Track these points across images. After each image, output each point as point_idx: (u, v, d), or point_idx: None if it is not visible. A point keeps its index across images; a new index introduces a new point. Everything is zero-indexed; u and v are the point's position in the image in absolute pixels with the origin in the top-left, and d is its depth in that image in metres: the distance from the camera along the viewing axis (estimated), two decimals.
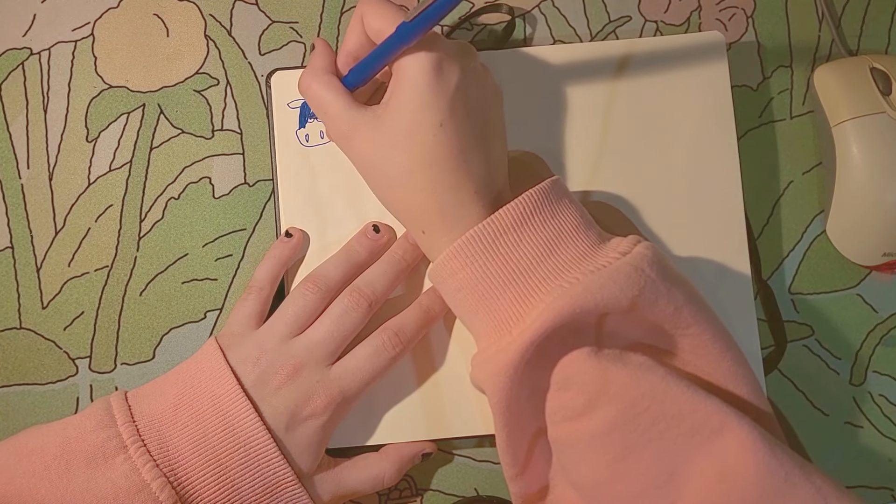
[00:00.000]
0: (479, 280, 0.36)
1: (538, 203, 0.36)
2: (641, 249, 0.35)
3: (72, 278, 0.44)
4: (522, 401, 0.36)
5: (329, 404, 0.38)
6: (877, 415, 0.45)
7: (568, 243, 0.36)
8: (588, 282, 0.34)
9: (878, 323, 0.45)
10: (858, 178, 0.43)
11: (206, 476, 0.36)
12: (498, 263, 0.35)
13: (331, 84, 0.39)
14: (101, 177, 0.45)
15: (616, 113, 0.44)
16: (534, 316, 0.34)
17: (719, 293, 0.43)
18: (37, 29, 0.45)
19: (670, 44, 0.44)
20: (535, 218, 0.36)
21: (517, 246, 0.35)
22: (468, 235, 0.36)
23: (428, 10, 0.34)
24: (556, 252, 0.35)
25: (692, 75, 0.44)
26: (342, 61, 0.39)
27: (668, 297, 0.34)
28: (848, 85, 0.44)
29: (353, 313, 0.39)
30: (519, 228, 0.36)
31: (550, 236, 0.36)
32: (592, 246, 0.36)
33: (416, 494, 0.44)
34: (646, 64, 0.44)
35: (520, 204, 0.36)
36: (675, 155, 0.44)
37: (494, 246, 0.36)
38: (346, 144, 0.39)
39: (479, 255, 0.36)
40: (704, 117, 0.44)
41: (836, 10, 0.47)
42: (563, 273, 0.35)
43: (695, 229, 0.43)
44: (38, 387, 0.44)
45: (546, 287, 0.35)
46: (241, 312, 0.41)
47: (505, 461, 0.37)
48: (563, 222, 0.36)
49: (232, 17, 0.46)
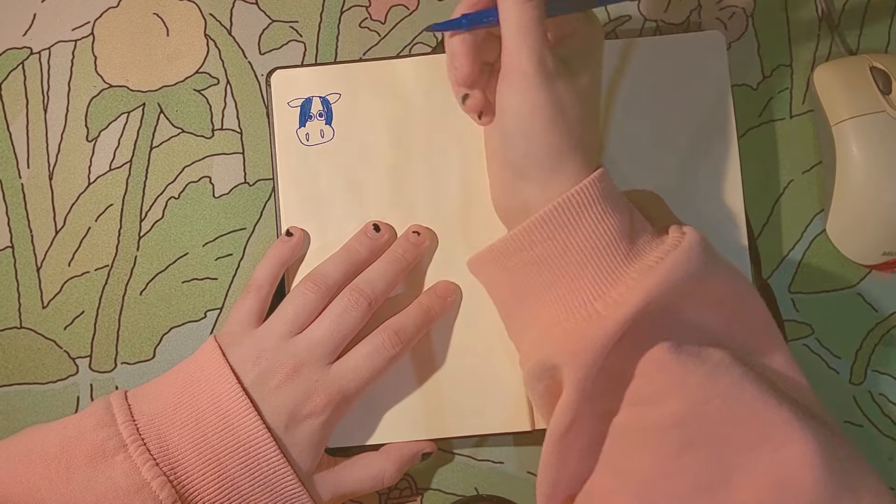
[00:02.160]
0: (562, 252, 0.35)
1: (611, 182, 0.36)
2: (693, 232, 0.35)
3: (72, 278, 0.44)
4: (599, 383, 0.34)
5: (329, 403, 0.38)
6: (877, 414, 0.45)
7: (640, 222, 0.36)
8: (673, 258, 0.34)
9: (878, 322, 0.45)
10: (858, 177, 0.43)
11: (206, 475, 0.36)
12: (583, 236, 0.35)
13: None
14: (101, 176, 0.45)
15: (616, 112, 0.44)
16: (620, 291, 0.34)
17: None
18: (37, 28, 0.45)
19: (670, 43, 0.44)
20: (614, 193, 0.36)
21: (601, 220, 0.35)
22: (556, 204, 0.35)
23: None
24: (635, 231, 0.36)
25: (692, 74, 0.44)
26: None
27: (729, 271, 0.35)
28: (848, 84, 0.44)
29: (352, 312, 0.39)
30: (604, 202, 0.35)
31: (627, 214, 0.36)
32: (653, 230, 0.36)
33: (416, 494, 0.44)
34: (646, 63, 0.44)
35: (602, 178, 0.35)
36: (674, 155, 0.44)
37: (580, 217, 0.35)
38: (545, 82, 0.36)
39: (565, 225, 0.35)
40: (704, 116, 0.44)
41: (836, 9, 0.47)
42: (643, 253, 0.35)
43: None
44: (38, 386, 0.44)
45: (631, 266, 0.35)
46: (240, 311, 0.41)
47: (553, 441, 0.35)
48: (627, 205, 0.37)
49: (232, 17, 0.46)
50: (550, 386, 0.36)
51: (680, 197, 0.43)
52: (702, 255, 0.34)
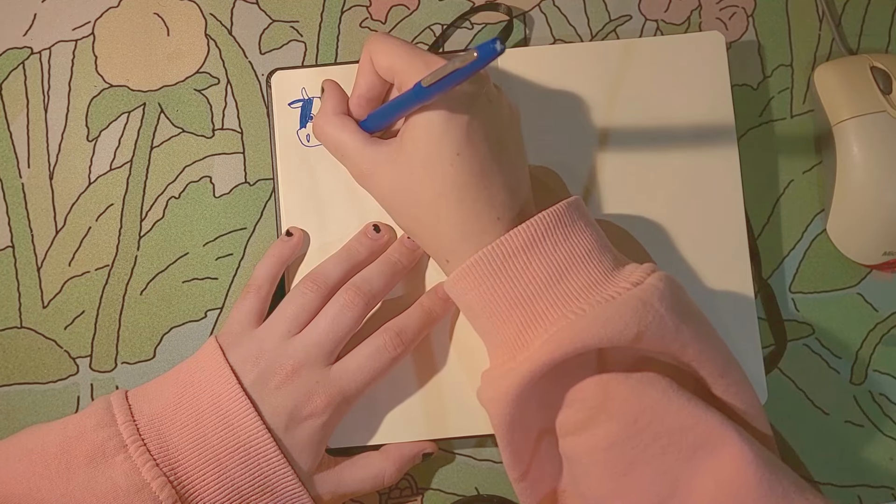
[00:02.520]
0: (487, 301, 0.35)
1: (549, 226, 0.35)
2: (654, 281, 0.34)
3: (72, 277, 0.44)
4: (528, 420, 0.36)
5: (329, 404, 0.38)
6: (877, 414, 0.45)
7: (579, 269, 0.35)
8: (594, 314, 0.33)
9: (879, 322, 0.45)
10: (859, 177, 0.43)
11: (206, 475, 0.36)
12: (506, 286, 0.35)
13: (343, 125, 0.39)
14: (101, 176, 0.45)
15: (616, 112, 0.44)
16: (537, 345, 0.34)
17: (719, 293, 0.43)
18: (37, 28, 0.45)
19: (671, 43, 0.44)
20: (545, 241, 0.35)
21: (526, 269, 0.35)
22: (478, 256, 0.35)
23: (445, 78, 0.33)
24: (566, 278, 0.35)
25: (692, 74, 0.44)
26: (355, 103, 0.40)
27: (676, 333, 0.34)
28: (848, 84, 0.44)
29: (349, 311, 0.39)
30: (529, 251, 0.35)
31: (561, 260, 0.35)
32: (604, 273, 0.35)
33: (417, 493, 0.44)
34: (646, 63, 0.44)
35: (530, 227, 0.35)
36: (675, 154, 0.44)
37: (503, 268, 0.35)
38: (367, 181, 0.39)
39: (489, 276, 0.35)
40: (704, 116, 0.44)
41: (837, 9, 0.47)
42: (570, 301, 0.34)
43: (695, 229, 0.43)
44: (38, 386, 0.44)
45: (552, 315, 0.34)
46: (240, 311, 0.41)
47: (511, 475, 0.37)
48: (576, 246, 0.35)
49: (232, 17, 0.46)
50: None
51: (680, 197, 0.43)
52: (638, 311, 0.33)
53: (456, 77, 0.33)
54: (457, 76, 0.33)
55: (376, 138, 0.39)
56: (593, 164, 0.44)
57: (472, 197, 0.36)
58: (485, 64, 0.32)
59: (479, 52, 0.32)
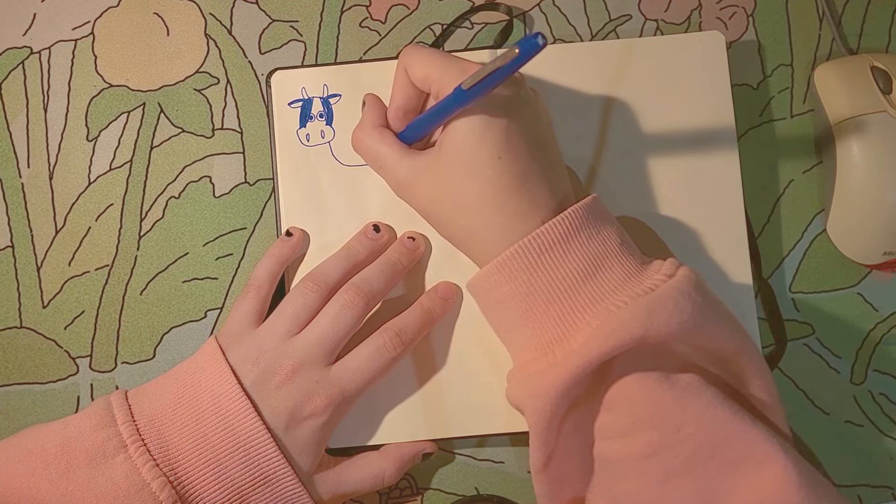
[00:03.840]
0: (522, 295, 0.35)
1: (582, 220, 0.35)
2: (686, 272, 0.34)
3: (72, 277, 0.44)
4: (564, 419, 0.35)
5: (329, 404, 0.38)
6: (877, 413, 0.45)
7: (612, 263, 0.35)
8: (636, 306, 0.33)
9: (879, 322, 0.45)
10: (859, 176, 0.43)
11: (206, 475, 0.36)
12: (543, 279, 0.35)
13: (382, 137, 0.39)
14: (101, 176, 0.45)
15: (616, 112, 0.44)
16: (580, 340, 0.34)
17: (720, 292, 0.42)
18: (37, 28, 0.45)
19: (671, 43, 0.44)
20: (580, 235, 0.35)
21: (563, 262, 0.35)
22: (514, 249, 0.35)
23: (487, 78, 0.33)
24: (602, 271, 0.35)
25: (692, 74, 0.44)
26: (392, 116, 0.40)
27: (716, 325, 0.34)
28: (848, 84, 0.44)
29: (349, 311, 0.39)
30: (564, 244, 0.35)
31: (595, 254, 0.35)
32: (636, 266, 0.35)
33: (417, 493, 0.44)
34: (646, 63, 0.44)
35: (565, 220, 0.35)
36: (675, 154, 0.44)
37: (540, 261, 0.35)
38: (406, 193, 0.39)
39: (525, 269, 0.35)
40: (704, 116, 0.44)
41: (837, 9, 0.47)
42: (609, 295, 0.34)
43: (695, 228, 0.43)
44: (38, 386, 0.44)
45: (592, 309, 0.34)
46: (240, 311, 0.41)
47: (538, 478, 0.36)
48: (607, 240, 0.35)
49: (232, 16, 0.46)
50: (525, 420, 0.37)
51: (680, 197, 0.43)
52: (679, 301, 0.33)
53: (497, 76, 0.32)
54: (498, 75, 0.32)
55: (414, 149, 0.39)
56: (593, 163, 0.44)
57: (514, 200, 0.36)
58: (527, 60, 0.31)
59: (521, 47, 0.31)
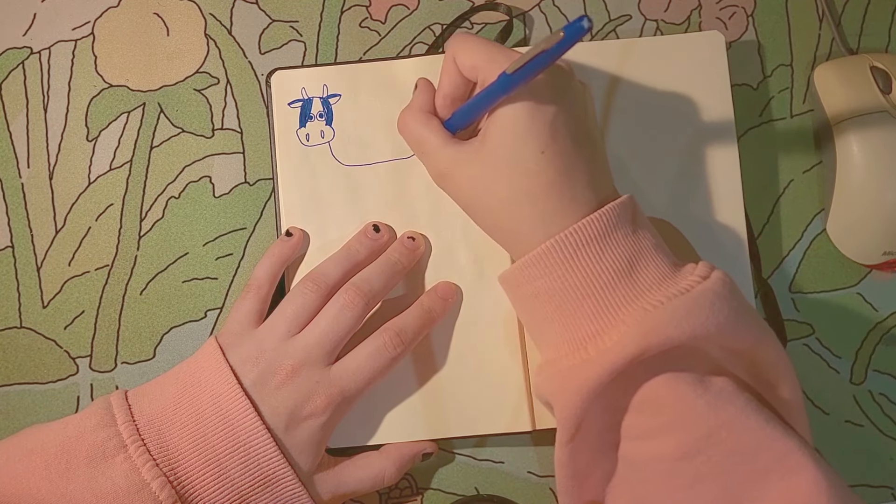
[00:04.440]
0: (558, 289, 0.35)
1: (620, 217, 0.35)
2: (720, 275, 0.34)
3: (72, 277, 0.44)
4: (594, 418, 0.35)
5: (329, 404, 0.38)
6: (877, 413, 0.45)
7: (648, 262, 0.35)
8: (673, 307, 0.33)
9: (879, 322, 0.45)
10: (859, 176, 0.43)
11: (206, 475, 0.36)
12: (579, 275, 0.34)
13: (428, 122, 0.38)
14: (101, 176, 0.45)
15: (616, 112, 0.44)
16: (615, 338, 0.33)
17: None
18: (37, 28, 0.45)
19: (671, 43, 0.44)
20: (616, 232, 0.35)
21: (599, 259, 0.34)
22: (551, 243, 0.35)
23: (531, 62, 0.32)
24: (637, 270, 0.34)
25: (692, 74, 0.44)
26: (440, 103, 0.39)
27: (748, 325, 0.33)
28: (848, 84, 0.44)
29: (349, 311, 0.39)
30: (602, 241, 0.34)
31: (631, 252, 0.35)
32: (671, 267, 0.35)
33: (417, 493, 0.44)
34: (646, 63, 0.44)
35: (603, 216, 0.35)
36: (675, 154, 0.44)
37: (577, 256, 0.34)
38: (446, 182, 0.38)
39: (561, 263, 0.35)
40: (704, 116, 0.44)
41: (837, 9, 0.47)
42: (645, 294, 0.34)
43: (695, 228, 0.43)
44: (38, 386, 0.44)
45: (628, 308, 0.34)
46: (240, 311, 0.41)
47: (562, 474, 0.35)
48: (643, 239, 0.35)
49: (232, 16, 0.46)
50: (550, 409, 0.36)
51: (680, 197, 0.43)
52: (715, 304, 0.33)
53: (542, 60, 0.32)
54: (543, 59, 0.32)
55: (458, 139, 0.38)
56: None
57: (556, 196, 0.35)
58: (573, 43, 0.31)
59: (567, 31, 0.30)
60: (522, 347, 0.42)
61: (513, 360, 0.42)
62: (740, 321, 0.33)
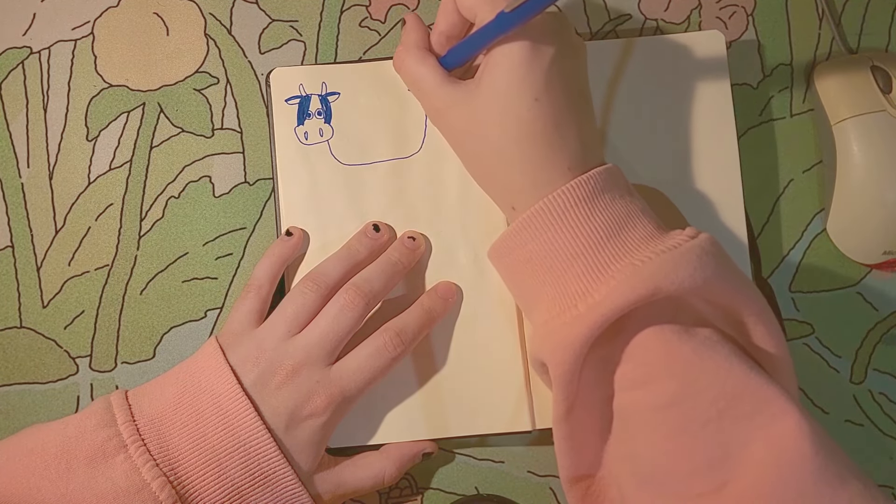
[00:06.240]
0: (548, 251, 0.35)
1: (609, 180, 0.36)
2: (708, 236, 0.35)
3: (72, 277, 0.44)
4: (587, 373, 0.35)
5: (329, 404, 0.38)
6: (877, 413, 0.45)
7: (636, 223, 0.36)
8: (661, 261, 0.34)
9: (879, 321, 0.45)
10: (859, 176, 0.43)
11: (206, 475, 0.36)
12: (568, 235, 0.35)
13: (424, 59, 0.39)
14: (101, 176, 0.45)
15: (615, 111, 0.44)
16: (604, 292, 0.34)
17: None
18: (37, 28, 0.45)
19: (670, 42, 0.44)
20: (605, 195, 0.36)
21: (588, 220, 0.35)
22: (540, 205, 0.35)
23: (527, 3, 0.32)
24: (626, 230, 0.35)
25: (692, 74, 0.44)
26: (436, 40, 0.40)
27: (739, 285, 0.34)
28: (848, 83, 0.44)
29: (349, 311, 0.39)
30: (590, 202, 0.35)
31: (620, 214, 0.35)
32: (659, 228, 0.36)
33: (417, 493, 0.44)
34: (646, 63, 0.44)
35: (591, 179, 0.36)
36: (675, 154, 0.44)
37: (566, 217, 0.35)
38: (440, 120, 0.39)
39: (550, 224, 0.35)
40: (704, 116, 0.44)
41: (837, 9, 0.47)
42: (633, 251, 0.35)
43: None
44: (38, 386, 0.44)
45: (617, 265, 0.34)
46: (240, 311, 0.41)
47: (559, 433, 0.36)
48: (630, 204, 0.36)
49: (232, 16, 0.46)
50: (546, 379, 0.37)
51: (680, 196, 0.43)
52: (702, 258, 0.34)
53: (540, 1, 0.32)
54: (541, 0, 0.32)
55: (455, 77, 0.38)
56: None
57: (545, 145, 0.36)
58: None
59: None
60: (522, 347, 0.42)
61: (513, 359, 0.42)
62: (727, 277, 0.34)
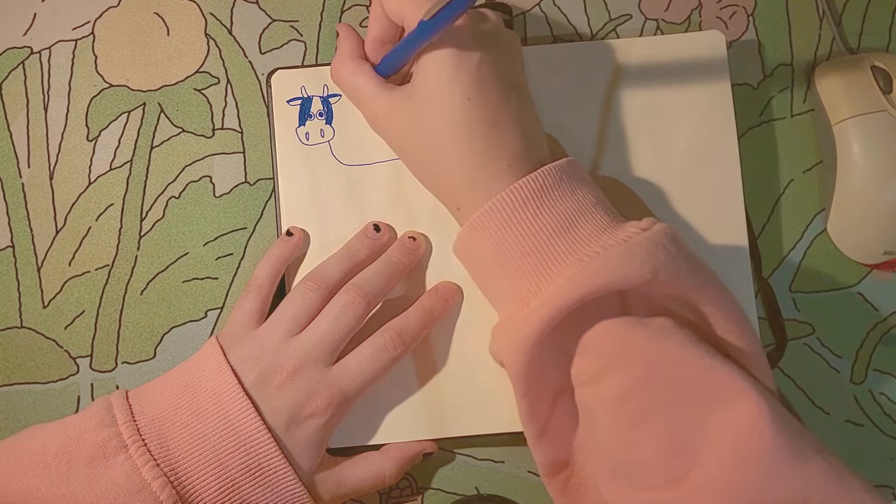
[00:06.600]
0: (500, 251, 0.36)
1: (557, 177, 0.36)
2: (661, 227, 0.35)
3: (72, 277, 0.44)
4: (544, 369, 0.36)
5: (329, 404, 0.38)
6: (877, 413, 0.45)
7: (587, 218, 0.35)
8: (607, 255, 0.33)
9: (879, 321, 0.45)
10: (859, 176, 0.43)
11: (207, 475, 0.36)
12: (517, 233, 0.35)
13: (359, 69, 0.39)
14: (101, 176, 0.45)
15: (616, 112, 0.44)
16: (552, 289, 0.34)
17: None
18: (37, 28, 0.45)
19: (671, 42, 0.44)
20: (554, 191, 0.36)
21: (537, 216, 0.35)
22: (488, 206, 0.36)
23: (446, 8, 0.33)
24: (576, 226, 0.35)
25: (692, 74, 0.44)
26: (369, 47, 0.40)
27: (690, 274, 0.34)
28: (848, 83, 0.44)
29: (349, 311, 0.39)
30: (539, 199, 0.35)
31: (570, 210, 0.35)
32: (611, 222, 0.36)
33: (417, 493, 0.44)
34: (646, 63, 0.44)
35: (539, 176, 0.36)
36: (675, 154, 0.44)
37: (514, 216, 0.35)
38: (380, 127, 0.39)
39: (500, 224, 0.35)
40: (705, 116, 0.44)
41: (837, 9, 0.47)
42: (582, 246, 0.35)
43: (695, 228, 0.43)
44: (38, 386, 0.44)
45: (565, 260, 0.34)
46: (241, 311, 0.41)
47: (528, 430, 0.37)
48: (583, 198, 0.36)
49: (232, 16, 0.46)
50: None
51: (680, 196, 0.43)
52: (651, 251, 0.33)
53: (458, 5, 0.32)
54: (459, 4, 0.32)
55: (391, 84, 0.39)
56: (592, 163, 0.44)
57: (483, 143, 0.36)
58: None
59: None
60: None
61: None
62: (679, 268, 0.33)
